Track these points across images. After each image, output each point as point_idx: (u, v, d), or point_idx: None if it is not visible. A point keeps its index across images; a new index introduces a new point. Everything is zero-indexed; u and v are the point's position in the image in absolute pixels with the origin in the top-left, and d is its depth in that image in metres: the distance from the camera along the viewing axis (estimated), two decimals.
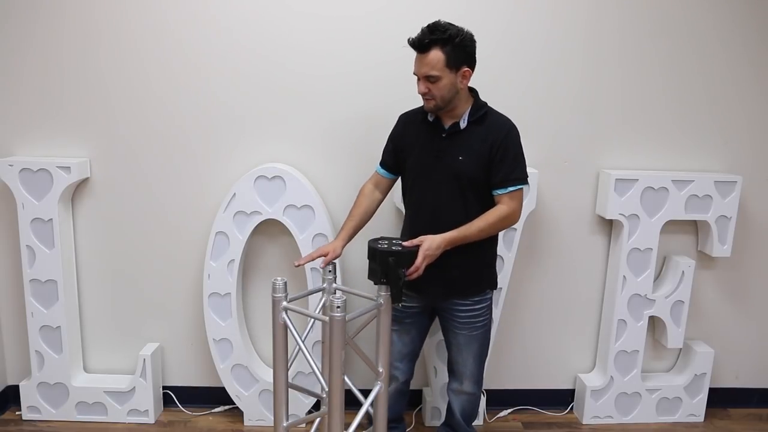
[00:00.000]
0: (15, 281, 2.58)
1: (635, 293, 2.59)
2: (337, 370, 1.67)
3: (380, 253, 1.80)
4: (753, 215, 2.68)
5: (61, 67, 2.42)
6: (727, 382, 2.85)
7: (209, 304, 2.51)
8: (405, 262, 1.81)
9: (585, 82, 2.51)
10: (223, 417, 2.69)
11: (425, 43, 1.83)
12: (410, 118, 2.10)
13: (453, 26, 1.86)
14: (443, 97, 1.90)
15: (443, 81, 1.87)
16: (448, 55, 1.84)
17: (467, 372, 2.16)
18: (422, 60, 1.86)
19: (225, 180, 2.50)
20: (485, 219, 1.93)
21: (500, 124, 1.98)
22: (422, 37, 1.84)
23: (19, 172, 2.39)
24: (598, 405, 2.70)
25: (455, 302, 2.07)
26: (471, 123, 1.96)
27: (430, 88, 1.88)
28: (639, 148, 2.59)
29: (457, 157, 1.95)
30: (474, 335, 2.11)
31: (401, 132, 2.10)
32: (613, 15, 2.46)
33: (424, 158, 2.00)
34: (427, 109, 1.96)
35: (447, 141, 1.97)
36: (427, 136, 2.01)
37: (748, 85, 2.55)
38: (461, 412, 2.26)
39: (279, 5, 2.39)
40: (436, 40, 1.83)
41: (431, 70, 1.85)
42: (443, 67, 1.85)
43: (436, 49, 1.83)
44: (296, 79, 2.45)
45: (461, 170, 1.94)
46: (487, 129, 1.96)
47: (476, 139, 1.95)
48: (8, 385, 2.70)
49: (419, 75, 1.89)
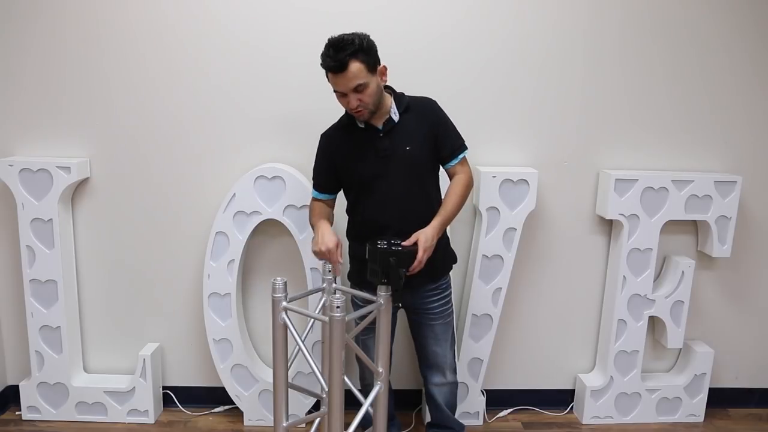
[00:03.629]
0: (15, 281, 2.58)
1: (635, 293, 2.59)
2: (337, 370, 1.67)
3: (381, 254, 1.80)
4: (753, 215, 2.68)
5: (61, 67, 2.42)
6: (727, 382, 2.85)
7: (209, 304, 2.51)
8: (406, 261, 1.82)
9: (585, 82, 2.51)
10: (223, 417, 2.69)
11: (343, 62, 1.82)
12: (335, 133, 2.10)
13: (354, 36, 1.86)
14: (374, 101, 1.92)
15: (371, 86, 1.89)
16: (364, 62, 1.86)
17: (448, 361, 2.21)
18: (345, 76, 1.84)
19: (225, 180, 2.50)
20: (455, 193, 2.01)
21: (426, 104, 2.05)
22: (337, 58, 1.82)
23: (19, 172, 2.39)
24: (598, 405, 2.70)
25: (427, 294, 2.11)
26: (402, 113, 2.00)
27: (361, 98, 1.89)
28: (639, 148, 2.59)
29: (404, 148, 1.98)
30: (447, 323, 2.18)
31: (333, 149, 2.09)
32: (614, 15, 2.46)
33: (372, 163, 2.00)
34: (361, 119, 1.96)
35: (387, 138, 1.99)
36: (364, 143, 2.01)
37: (748, 85, 2.55)
38: (447, 404, 2.29)
39: (281, 2, 2.39)
40: (350, 54, 1.83)
41: (357, 80, 1.85)
42: (366, 73, 1.87)
43: (354, 61, 1.83)
44: (297, 78, 2.45)
45: (412, 158, 1.98)
46: (418, 112, 2.02)
47: (414, 124, 2.00)
48: (8, 385, 2.70)
49: (347, 90, 1.87)
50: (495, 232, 2.49)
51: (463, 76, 2.48)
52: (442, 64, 2.46)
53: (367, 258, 1.85)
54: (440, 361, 2.21)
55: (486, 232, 2.49)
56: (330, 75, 1.88)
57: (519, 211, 2.48)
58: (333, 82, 1.89)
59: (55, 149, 2.49)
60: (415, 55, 2.43)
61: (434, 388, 2.27)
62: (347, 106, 1.93)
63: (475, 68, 2.46)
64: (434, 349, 2.19)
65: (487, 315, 2.56)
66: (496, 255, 2.51)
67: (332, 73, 1.86)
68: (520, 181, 2.45)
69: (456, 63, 2.46)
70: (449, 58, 2.46)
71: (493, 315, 2.56)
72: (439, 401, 2.29)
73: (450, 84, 2.47)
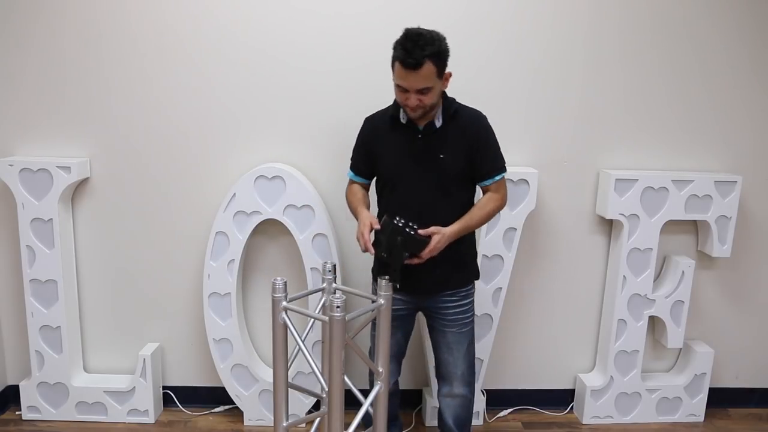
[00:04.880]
0: (15, 281, 2.58)
1: (635, 293, 2.59)
2: (337, 370, 1.67)
3: (393, 229, 1.79)
4: (753, 215, 2.68)
5: (61, 67, 2.42)
6: (727, 382, 2.85)
7: (209, 304, 2.51)
8: (412, 248, 1.81)
9: (585, 82, 2.51)
10: (223, 417, 2.69)
11: (419, 61, 1.78)
12: (379, 121, 2.08)
13: (434, 35, 1.83)
14: (432, 104, 1.90)
15: (434, 90, 1.87)
16: (437, 65, 1.83)
17: (458, 373, 2.13)
18: (416, 75, 1.81)
19: (225, 180, 2.50)
20: (483, 207, 1.99)
21: (473, 117, 2.01)
22: (414, 55, 1.78)
23: (19, 172, 2.39)
24: (598, 405, 2.70)
25: (443, 299, 2.07)
26: (445, 120, 1.98)
27: (421, 99, 1.86)
28: (639, 148, 2.59)
29: (437, 155, 1.96)
30: (463, 333, 2.11)
31: (372, 135, 2.08)
32: (614, 15, 2.46)
33: (402, 161, 1.99)
34: (412, 117, 1.93)
35: (423, 141, 1.97)
36: (401, 139, 2.00)
37: (748, 85, 2.55)
38: (455, 419, 2.17)
39: (280, 3, 2.39)
40: (428, 55, 1.79)
41: (426, 82, 1.82)
42: (435, 77, 1.84)
43: (429, 62, 1.80)
44: (297, 78, 2.45)
45: (444, 168, 1.95)
46: (462, 124, 1.98)
47: (453, 135, 1.97)
48: (8, 385, 2.70)
49: (412, 89, 1.83)
50: (495, 232, 2.49)
51: (463, 77, 2.46)
52: None
53: (379, 227, 1.84)
54: (449, 370, 2.14)
55: (486, 232, 2.49)
56: (399, 68, 1.82)
57: (519, 211, 2.48)
58: (400, 76, 1.84)
59: (55, 149, 2.49)
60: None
61: (441, 398, 2.20)
62: (404, 102, 1.88)
63: (474, 68, 2.46)
64: (445, 356, 2.14)
65: (487, 315, 2.56)
66: (496, 255, 2.51)
67: (404, 68, 1.81)
68: (520, 181, 2.45)
69: (455, 63, 2.43)
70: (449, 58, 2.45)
71: (493, 315, 2.56)
72: (445, 414, 2.19)
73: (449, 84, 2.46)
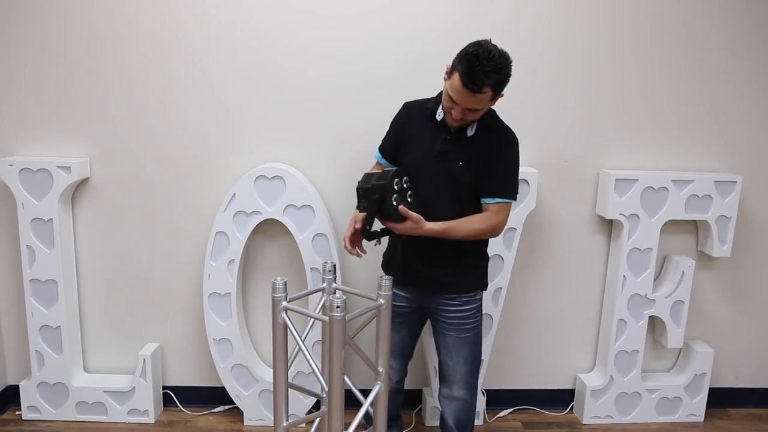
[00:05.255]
0: (15, 281, 2.58)
1: (635, 293, 2.59)
2: (337, 370, 1.67)
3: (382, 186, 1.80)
4: (753, 215, 2.68)
5: (61, 67, 2.42)
6: (727, 382, 2.85)
7: (209, 304, 2.51)
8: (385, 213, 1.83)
9: (585, 82, 2.51)
10: (223, 417, 2.69)
11: (481, 86, 1.75)
12: (416, 110, 2.06)
13: (503, 63, 1.77)
14: (475, 120, 1.90)
15: (482, 111, 1.86)
16: (495, 92, 1.81)
17: (457, 376, 2.12)
18: (472, 98, 1.78)
19: (225, 180, 2.50)
20: (473, 223, 1.93)
21: (503, 136, 1.97)
22: (478, 81, 1.74)
23: (19, 172, 2.39)
24: (598, 405, 2.70)
25: (444, 302, 2.06)
26: (478, 131, 1.95)
27: (466, 115, 1.84)
28: (639, 148, 2.59)
29: (457, 161, 1.94)
30: (463, 338, 2.08)
31: (405, 122, 2.07)
32: (614, 15, 2.46)
33: (424, 156, 1.98)
34: (451, 125, 1.91)
35: (450, 144, 1.95)
36: (430, 134, 1.98)
37: (748, 84, 2.55)
38: (455, 421, 2.18)
39: (279, 4, 2.39)
40: (491, 83, 1.76)
41: (478, 105, 1.81)
42: (488, 102, 1.83)
43: (488, 89, 1.77)
44: (297, 78, 2.45)
45: (459, 175, 1.94)
46: (491, 138, 1.95)
47: (480, 147, 1.94)
48: (8, 385, 2.70)
49: (462, 105, 1.81)
50: None
51: None
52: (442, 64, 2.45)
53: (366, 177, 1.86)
54: (448, 372, 2.14)
55: None
56: (458, 82, 1.77)
57: (519, 211, 2.48)
58: (455, 89, 1.79)
59: (55, 149, 2.49)
60: (413, 56, 2.43)
61: (441, 400, 2.21)
62: (449, 110, 1.86)
63: None
64: (444, 359, 2.14)
65: (488, 315, 2.56)
66: (496, 255, 2.51)
67: (463, 86, 1.76)
68: (520, 181, 2.43)
69: None
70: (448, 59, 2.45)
71: (493, 315, 2.56)
72: (445, 415, 2.21)
73: None
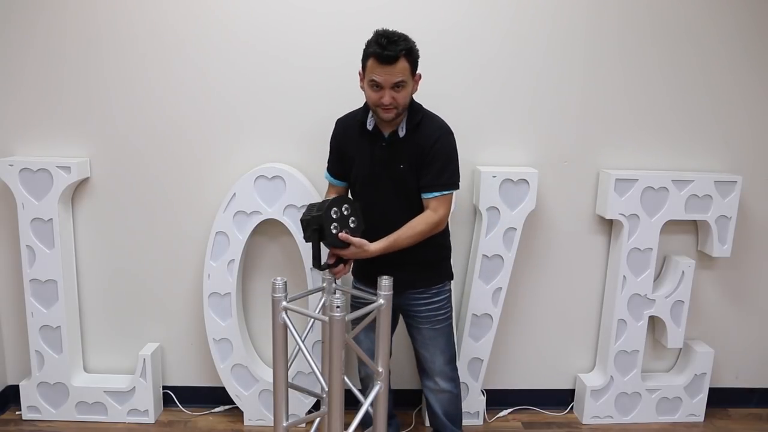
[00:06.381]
0: (15, 281, 2.58)
1: (635, 293, 2.59)
2: (337, 370, 1.67)
3: (319, 217, 1.83)
4: (753, 215, 2.68)
5: (61, 67, 2.42)
6: (727, 382, 2.85)
7: (209, 304, 2.51)
8: (329, 241, 1.87)
9: (585, 82, 2.50)
10: (223, 417, 2.69)
11: (395, 55, 1.82)
12: (348, 124, 2.10)
13: (405, 35, 1.88)
14: (404, 104, 1.92)
15: (407, 88, 1.90)
16: (410, 63, 1.88)
17: (436, 368, 2.18)
18: (392, 69, 1.84)
19: (225, 180, 2.50)
20: (414, 229, 1.96)
21: (434, 129, 2.00)
22: (390, 49, 1.82)
23: (19, 172, 2.39)
24: (598, 405, 2.70)
25: (414, 296, 2.10)
26: (409, 131, 1.99)
27: (395, 97, 1.88)
28: (639, 148, 2.59)
29: (398, 165, 1.98)
30: (437, 329, 2.14)
31: (342, 138, 2.12)
32: (614, 15, 2.46)
33: (367, 167, 2.03)
34: (385, 118, 1.93)
35: (387, 150, 2.00)
36: (367, 145, 2.03)
37: (748, 85, 2.55)
38: (444, 413, 2.25)
39: (280, 3, 2.39)
40: (402, 50, 1.84)
41: (401, 76, 1.86)
42: (409, 74, 1.89)
43: (403, 58, 1.85)
44: (296, 78, 2.45)
45: (403, 178, 1.98)
46: (423, 134, 1.99)
47: (414, 146, 1.98)
48: (8, 385, 2.70)
49: (387, 84, 1.86)
50: (495, 231, 2.49)
51: (463, 76, 2.48)
52: (442, 64, 2.46)
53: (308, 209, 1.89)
54: (428, 365, 2.20)
55: (486, 232, 2.49)
56: (374, 64, 1.85)
57: (519, 211, 2.48)
58: (375, 72, 1.86)
59: (55, 149, 2.49)
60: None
61: (427, 392, 2.27)
62: (378, 101, 1.89)
63: (474, 68, 2.46)
64: (422, 352, 2.20)
65: (487, 315, 2.56)
66: (496, 255, 2.51)
67: (380, 63, 1.83)
68: (520, 181, 2.45)
69: (455, 63, 2.46)
70: (449, 58, 2.46)
71: (493, 315, 2.56)
72: (434, 406, 2.27)
73: (450, 84, 2.47)
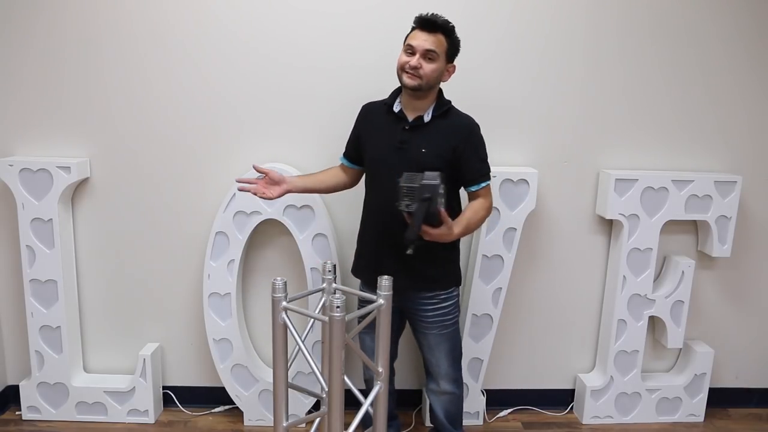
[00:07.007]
0: (15, 281, 2.58)
1: (635, 293, 2.59)
2: (337, 370, 1.67)
3: (432, 185, 1.78)
4: (753, 215, 2.68)
5: (61, 67, 2.42)
6: (727, 382, 2.85)
7: (209, 304, 2.51)
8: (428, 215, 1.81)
9: (585, 82, 2.50)
10: (223, 417, 2.69)
11: (437, 24, 1.91)
12: (373, 109, 2.14)
13: None
14: (429, 80, 1.94)
15: (437, 64, 1.93)
16: (449, 44, 1.95)
17: (441, 372, 2.18)
18: (428, 37, 1.91)
19: (225, 180, 2.49)
20: (478, 213, 2.03)
21: (464, 123, 2.04)
22: (435, 19, 1.92)
23: (19, 172, 2.39)
24: (598, 405, 2.70)
25: (422, 301, 2.09)
26: (435, 117, 2.01)
27: (422, 64, 1.91)
28: (639, 148, 2.58)
29: (420, 148, 1.98)
30: (444, 334, 2.13)
31: (364, 121, 2.15)
32: (614, 15, 2.46)
33: (386, 147, 2.03)
34: (407, 84, 1.95)
35: (410, 133, 2.00)
36: (389, 127, 2.04)
37: (748, 84, 2.55)
38: (445, 414, 2.25)
39: (280, 3, 2.39)
40: (443, 27, 1.92)
41: (435, 46, 1.91)
42: (444, 51, 1.94)
43: (443, 35, 1.93)
44: (297, 78, 2.45)
45: (423, 161, 1.97)
46: (451, 126, 2.01)
47: (439, 133, 2.00)
48: (8, 385, 2.70)
49: (419, 49, 1.91)
50: (495, 232, 2.49)
51: (463, 76, 2.47)
52: None
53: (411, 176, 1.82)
54: (433, 370, 2.20)
55: (486, 232, 2.49)
56: (414, 33, 1.94)
57: (519, 211, 2.48)
58: (413, 38, 1.93)
59: (55, 149, 2.48)
60: None
61: (429, 393, 2.28)
62: (405, 63, 1.93)
63: (473, 68, 2.46)
64: (427, 356, 2.19)
65: (487, 315, 2.56)
66: (496, 255, 2.51)
67: (420, 29, 1.93)
68: (520, 181, 2.45)
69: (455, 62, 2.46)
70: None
71: (493, 315, 2.56)
72: (435, 408, 2.27)
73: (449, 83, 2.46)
